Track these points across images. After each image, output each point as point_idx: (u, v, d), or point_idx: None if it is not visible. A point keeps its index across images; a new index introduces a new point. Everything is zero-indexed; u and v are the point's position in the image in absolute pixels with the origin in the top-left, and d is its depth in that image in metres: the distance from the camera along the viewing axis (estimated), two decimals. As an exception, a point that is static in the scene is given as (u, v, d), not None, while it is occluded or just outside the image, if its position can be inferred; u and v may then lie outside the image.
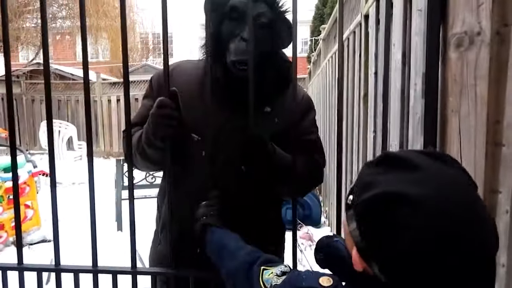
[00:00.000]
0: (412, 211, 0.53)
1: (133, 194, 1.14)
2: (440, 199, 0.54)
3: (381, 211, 0.56)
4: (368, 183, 0.59)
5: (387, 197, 0.56)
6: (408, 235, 0.53)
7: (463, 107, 0.94)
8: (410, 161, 0.59)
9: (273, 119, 1.16)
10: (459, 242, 0.53)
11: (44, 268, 1.21)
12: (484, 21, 0.91)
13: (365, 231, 0.58)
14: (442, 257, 0.53)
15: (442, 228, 0.53)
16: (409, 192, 0.54)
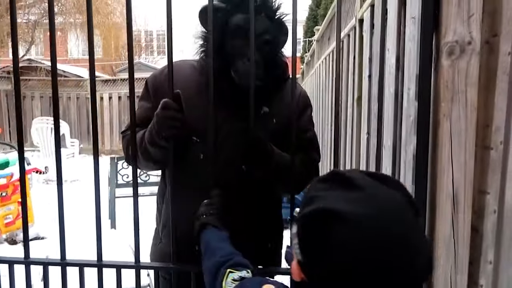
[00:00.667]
0: (345, 229, 0.55)
1: (137, 193, 1.18)
2: (374, 220, 0.56)
3: (316, 226, 0.58)
4: (311, 198, 0.61)
5: (323, 213, 0.57)
6: (339, 253, 0.55)
7: (454, 112, 0.99)
8: (353, 180, 0.60)
9: (271, 119, 1.20)
10: (390, 267, 0.55)
11: (50, 262, 1.24)
12: (475, 31, 0.96)
13: (302, 245, 0.60)
14: (368, 278, 0.54)
15: (372, 249, 0.54)
16: (345, 210, 0.56)
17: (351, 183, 0.60)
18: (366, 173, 0.65)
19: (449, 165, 1.01)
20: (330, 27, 3.60)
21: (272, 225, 1.31)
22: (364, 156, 2.04)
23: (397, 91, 1.44)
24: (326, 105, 3.64)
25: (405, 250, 0.56)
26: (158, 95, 1.20)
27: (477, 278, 1.06)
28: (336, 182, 0.62)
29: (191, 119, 1.13)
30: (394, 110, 1.48)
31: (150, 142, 1.15)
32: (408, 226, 0.58)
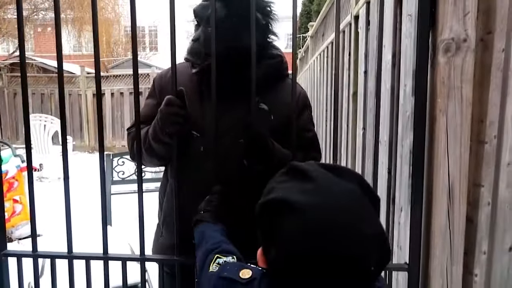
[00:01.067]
0: (294, 218, 0.58)
1: (142, 188, 1.19)
2: (322, 209, 0.58)
3: (270, 215, 0.62)
4: (270, 189, 0.66)
5: (276, 203, 0.61)
6: (289, 240, 0.58)
7: (450, 107, 1.03)
8: (308, 172, 0.63)
9: (269, 116, 1.21)
10: (333, 254, 0.57)
11: (57, 256, 1.26)
12: (470, 29, 0.99)
13: (260, 233, 0.65)
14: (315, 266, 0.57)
15: (318, 237, 0.56)
16: (296, 200, 0.59)
17: (305, 175, 0.63)
18: (322, 165, 0.67)
19: (445, 159, 1.04)
20: (324, 24, 3.63)
21: None
22: (360, 151, 2.08)
23: (393, 87, 1.48)
24: (321, 100, 3.67)
25: (353, 240, 0.57)
26: (163, 93, 1.21)
27: (472, 268, 1.10)
28: (293, 174, 0.66)
29: (192, 116, 1.14)
30: (390, 105, 1.51)
31: (154, 138, 1.17)
32: (357, 216, 0.59)
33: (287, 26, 1.23)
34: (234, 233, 1.19)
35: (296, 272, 0.58)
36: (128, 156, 4.05)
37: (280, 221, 0.60)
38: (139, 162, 1.19)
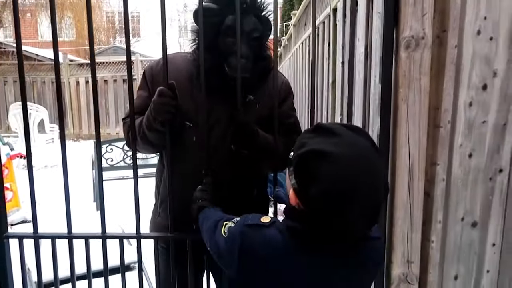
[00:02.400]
0: (328, 163, 0.76)
1: (137, 174, 1.31)
2: (349, 156, 0.77)
3: (308, 161, 0.78)
4: (302, 144, 0.82)
5: (312, 153, 0.78)
6: (324, 180, 0.75)
7: (410, 96, 1.17)
8: (332, 130, 0.82)
9: (255, 105, 1.34)
10: (360, 188, 0.75)
11: (58, 236, 1.37)
12: (427, 28, 1.14)
13: (298, 177, 0.80)
14: (341, 200, 0.75)
15: (349, 177, 0.75)
16: (328, 150, 0.77)
17: (332, 132, 0.81)
18: (343, 125, 0.86)
19: (406, 142, 1.20)
20: (306, 13, 3.74)
21: (258, 200, 1.46)
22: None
23: (366, 77, 1.62)
24: (303, 88, 3.81)
25: (369, 179, 0.77)
26: (154, 84, 1.31)
27: (429, 235, 1.26)
28: (320, 131, 0.83)
29: (184, 106, 1.25)
30: (363, 94, 1.65)
31: (147, 127, 1.27)
32: (371, 162, 0.79)
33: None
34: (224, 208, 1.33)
35: (331, 207, 0.76)
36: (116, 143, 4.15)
37: (318, 166, 0.76)
38: (133, 149, 1.29)
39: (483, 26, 1.18)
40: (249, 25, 1.21)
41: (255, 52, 1.24)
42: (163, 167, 1.40)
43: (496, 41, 1.20)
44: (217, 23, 1.20)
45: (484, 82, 1.21)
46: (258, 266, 0.86)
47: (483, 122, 1.24)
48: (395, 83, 1.21)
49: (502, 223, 1.34)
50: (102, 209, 1.36)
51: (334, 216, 0.77)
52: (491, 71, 1.21)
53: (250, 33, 1.22)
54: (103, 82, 9.90)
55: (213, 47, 1.21)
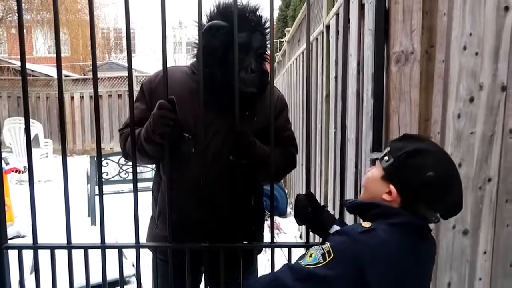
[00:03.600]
0: (431, 156, 0.92)
1: (136, 183, 1.34)
2: (443, 153, 0.97)
3: (415, 155, 0.91)
4: (401, 147, 0.94)
5: (418, 150, 0.92)
6: (433, 169, 0.89)
7: (401, 108, 1.23)
8: (419, 137, 1.05)
9: (253, 118, 1.38)
10: (454, 174, 0.93)
11: (57, 246, 1.38)
12: (416, 43, 1.20)
13: (405, 171, 0.92)
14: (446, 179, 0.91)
15: (447, 165, 0.93)
16: (426, 147, 0.94)
17: (417, 138, 1.02)
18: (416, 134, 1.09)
19: (398, 152, 1.24)
20: (300, 30, 3.83)
21: (255, 210, 1.49)
22: (332, 149, 2.28)
23: (359, 91, 1.67)
24: (297, 102, 3.87)
25: (455, 167, 0.96)
26: (152, 97, 1.35)
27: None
28: (409, 138, 0.99)
29: (183, 118, 1.28)
30: (356, 107, 1.70)
31: (145, 138, 1.30)
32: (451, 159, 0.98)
33: None
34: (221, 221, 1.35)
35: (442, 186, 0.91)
36: (112, 158, 4.17)
37: (424, 158, 0.91)
38: (133, 160, 1.32)
39: (468, 42, 1.24)
40: (257, 42, 1.27)
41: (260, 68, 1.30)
42: (161, 178, 1.42)
43: (481, 56, 1.26)
44: (228, 40, 1.25)
45: (471, 95, 1.27)
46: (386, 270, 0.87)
47: (471, 133, 1.29)
48: (387, 96, 1.27)
49: (493, 231, 1.38)
50: (101, 219, 1.38)
51: (453, 191, 0.92)
52: (477, 84, 1.27)
53: (258, 49, 1.28)
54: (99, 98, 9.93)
55: (223, 63, 1.26)
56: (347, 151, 1.81)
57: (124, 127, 1.44)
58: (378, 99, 1.26)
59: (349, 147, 1.79)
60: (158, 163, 1.44)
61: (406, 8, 1.19)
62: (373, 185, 0.98)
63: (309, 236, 1.33)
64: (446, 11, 1.21)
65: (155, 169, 1.50)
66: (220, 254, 1.33)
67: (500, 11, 1.26)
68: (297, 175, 4.04)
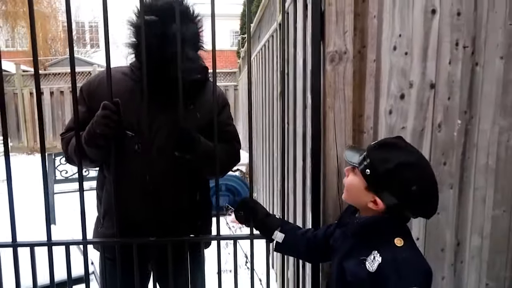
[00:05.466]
0: (414, 169, 0.97)
1: (82, 183, 1.35)
2: (424, 161, 1.02)
3: (399, 171, 0.96)
4: (383, 159, 0.98)
5: (402, 164, 0.97)
6: (415, 182, 0.96)
7: (336, 105, 1.30)
8: (397, 144, 1.02)
9: (196, 114, 1.41)
10: (434, 180, 1.00)
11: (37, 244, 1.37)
12: (348, 44, 1.27)
13: (391, 186, 0.98)
14: (429, 189, 0.98)
15: (429, 175, 0.99)
16: (410, 160, 0.98)
17: (399, 146, 1.02)
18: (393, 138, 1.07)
19: (334, 145, 1.32)
20: (259, 26, 3.88)
21: (201, 205, 1.52)
22: (286, 144, 2.34)
23: (304, 87, 1.74)
24: (258, 98, 3.93)
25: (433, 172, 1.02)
26: (92, 100, 1.36)
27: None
28: (387, 147, 1.02)
29: (126, 118, 1.29)
30: (302, 103, 1.77)
31: (87, 141, 1.29)
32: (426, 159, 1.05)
33: (231, 24, 1.43)
34: (167, 217, 1.38)
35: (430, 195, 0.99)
36: (71, 155, 4.08)
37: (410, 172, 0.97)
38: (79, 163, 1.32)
39: (398, 42, 1.33)
40: (188, 31, 1.29)
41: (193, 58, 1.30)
42: (104, 177, 1.43)
43: (411, 56, 1.35)
44: (161, 33, 1.27)
45: (401, 92, 1.36)
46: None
47: (403, 128, 1.39)
48: (323, 93, 1.34)
49: (424, 220, 1.49)
50: (47, 217, 1.38)
51: (433, 199, 1.00)
52: (408, 82, 1.36)
53: (191, 39, 1.30)
54: (59, 93, 9.65)
55: (159, 57, 1.27)
56: (297, 144, 1.89)
57: (66, 131, 1.44)
58: (316, 96, 1.33)
59: (298, 140, 1.86)
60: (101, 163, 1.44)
61: (339, 10, 1.26)
62: (356, 194, 1.05)
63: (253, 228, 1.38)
64: (376, 14, 1.29)
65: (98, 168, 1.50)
66: (168, 248, 1.36)
67: (428, 14, 1.35)
68: (258, 170, 4.11)
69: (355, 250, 1.04)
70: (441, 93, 1.41)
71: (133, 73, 1.37)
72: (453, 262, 1.54)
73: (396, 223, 1.03)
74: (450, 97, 1.42)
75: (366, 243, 1.02)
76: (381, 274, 0.96)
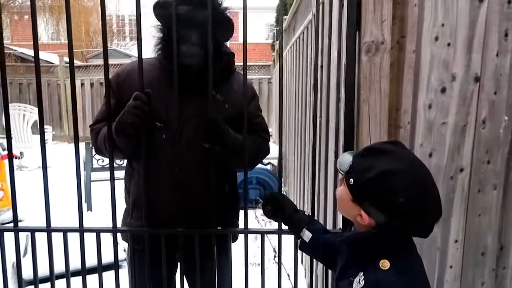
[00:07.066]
0: (399, 178, 0.83)
1: (113, 171, 1.36)
2: (413, 168, 0.86)
3: (383, 181, 0.84)
4: (364, 168, 0.87)
5: (384, 173, 0.84)
6: (401, 193, 0.82)
7: (371, 98, 1.24)
8: (384, 150, 0.89)
9: (224, 105, 1.39)
10: (428, 190, 0.85)
11: (37, 229, 1.42)
12: (386, 34, 1.20)
13: (376, 198, 0.85)
14: (420, 201, 0.83)
15: (419, 184, 0.84)
16: (394, 168, 0.84)
17: (385, 152, 0.88)
18: (384, 142, 0.97)
19: (368, 141, 1.26)
20: (295, 18, 3.81)
21: (230, 197, 1.50)
22: (318, 138, 2.29)
23: (339, 80, 1.68)
24: (291, 91, 3.88)
25: (429, 176, 0.88)
26: (121, 91, 1.36)
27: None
28: (375, 154, 0.89)
29: (154, 109, 1.28)
30: (336, 96, 1.72)
31: (117, 130, 1.29)
32: (423, 164, 0.90)
33: (267, 17, 1.39)
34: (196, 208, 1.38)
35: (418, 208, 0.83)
36: (107, 145, 4.19)
37: (394, 182, 0.83)
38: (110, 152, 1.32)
39: (440, 32, 1.25)
40: (201, 16, 1.25)
41: (213, 47, 1.27)
42: (133, 169, 1.43)
43: (454, 47, 1.27)
44: (188, 22, 1.25)
45: (442, 85, 1.28)
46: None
47: (443, 123, 1.31)
48: (358, 86, 1.28)
49: (464, 221, 1.40)
50: (80, 205, 1.41)
51: (427, 214, 0.86)
52: (450, 74, 1.28)
53: (201, 24, 1.25)
54: (99, 85, 9.96)
55: (169, 38, 1.26)
56: (329, 139, 1.83)
57: (95, 123, 1.45)
58: (349, 88, 1.27)
59: (331, 135, 1.81)
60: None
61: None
62: (344, 206, 0.94)
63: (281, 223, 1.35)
64: (417, 2, 1.22)
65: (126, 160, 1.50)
66: (195, 239, 1.36)
67: (474, 1, 1.26)
68: (292, 163, 4.06)
69: (347, 268, 0.95)
70: (486, 87, 1.31)
71: (161, 63, 1.36)
72: (495, 268, 1.45)
73: (386, 240, 0.88)
74: (496, 92, 1.32)
75: (357, 261, 0.92)
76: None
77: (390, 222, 0.85)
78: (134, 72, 1.34)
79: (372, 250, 0.89)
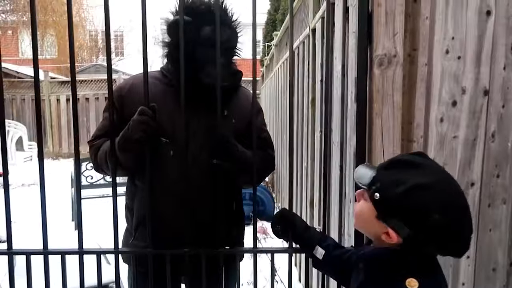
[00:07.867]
0: (434, 192, 0.78)
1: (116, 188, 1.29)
2: (447, 182, 0.82)
3: (416, 196, 0.78)
4: (393, 181, 0.81)
5: (417, 187, 0.79)
6: (436, 209, 0.77)
7: (384, 111, 1.22)
8: (413, 162, 0.84)
9: (231, 120, 1.36)
10: (463, 204, 0.80)
11: (33, 252, 1.33)
12: (398, 46, 1.19)
13: (404, 214, 0.80)
14: (457, 217, 0.78)
15: (454, 199, 0.80)
16: (428, 181, 0.79)
17: (414, 164, 0.84)
18: (413, 154, 0.91)
19: (381, 155, 1.23)
20: (287, 33, 3.84)
21: (236, 215, 1.46)
22: (318, 151, 2.27)
23: (343, 94, 1.66)
24: (284, 106, 3.87)
25: (462, 193, 0.83)
26: (123, 105, 1.31)
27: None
28: (402, 166, 0.84)
29: (160, 124, 1.23)
30: (340, 110, 1.70)
31: (121, 146, 1.24)
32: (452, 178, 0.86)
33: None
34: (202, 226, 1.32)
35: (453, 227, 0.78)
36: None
37: (426, 198, 0.78)
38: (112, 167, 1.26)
39: (451, 46, 1.24)
40: (223, 35, 1.22)
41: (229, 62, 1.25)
42: (136, 187, 1.37)
43: (464, 60, 1.26)
44: (193, 35, 1.22)
45: (453, 99, 1.27)
46: None
47: (454, 137, 1.29)
48: (370, 99, 1.26)
49: (476, 236, 1.38)
50: (79, 225, 1.34)
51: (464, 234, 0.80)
52: (460, 88, 1.27)
53: (225, 43, 1.23)
54: (85, 100, 9.83)
55: (189, 59, 1.21)
56: (332, 155, 1.81)
57: (94, 139, 1.39)
58: (361, 102, 1.25)
59: (334, 150, 1.78)
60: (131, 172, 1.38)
61: (389, 11, 1.18)
62: (366, 223, 0.88)
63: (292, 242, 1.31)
64: (428, 15, 1.21)
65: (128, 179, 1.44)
66: (202, 260, 1.30)
67: (482, 15, 1.26)
68: (283, 179, 4.03)
69: (367, 287, 0.89)
70: (495, 100, 1.31)
71: (165, 77, 1.32)
72: (505, 284, 1.42)
73: (413, 258, 0.83)
74: (504, 105, 1.32)
75: (377, 279, 0.86)
76: None
77: (423, 240, 0.80)
78: (136, 86, 1.30)
79: (397, 268, 0.84)
